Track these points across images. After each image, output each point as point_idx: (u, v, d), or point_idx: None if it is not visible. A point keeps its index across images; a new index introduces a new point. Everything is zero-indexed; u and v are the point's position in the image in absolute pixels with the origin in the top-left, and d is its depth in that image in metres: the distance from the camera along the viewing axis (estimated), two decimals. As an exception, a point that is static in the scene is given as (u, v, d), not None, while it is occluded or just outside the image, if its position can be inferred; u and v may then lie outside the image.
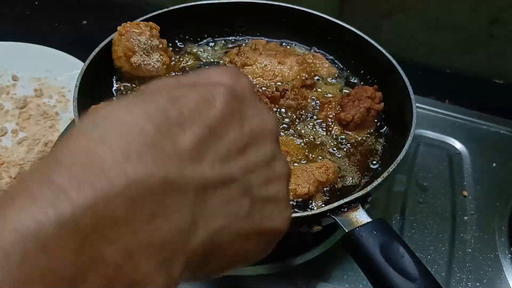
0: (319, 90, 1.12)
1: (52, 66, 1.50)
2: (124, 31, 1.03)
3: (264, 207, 0.41)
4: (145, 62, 1.04)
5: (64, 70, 1.48)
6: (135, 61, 1.03)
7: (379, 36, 1.68)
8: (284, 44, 1.25)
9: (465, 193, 1.14)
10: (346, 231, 0.75)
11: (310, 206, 0.87)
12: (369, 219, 0.76)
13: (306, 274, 0.95)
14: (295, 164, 0.93)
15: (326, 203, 0.88)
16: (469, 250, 1.04)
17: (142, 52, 1.04)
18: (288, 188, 0.45)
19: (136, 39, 1.03)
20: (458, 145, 1.26)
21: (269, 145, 0.42)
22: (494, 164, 1.22)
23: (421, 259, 0.98)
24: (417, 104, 1.32)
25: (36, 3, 1.85)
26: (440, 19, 1.60)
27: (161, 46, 1.08)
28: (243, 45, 1.22)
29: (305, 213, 0.77)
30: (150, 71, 1.05)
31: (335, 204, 0.78)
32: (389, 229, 0.74)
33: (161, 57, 1.07)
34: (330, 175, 0.89)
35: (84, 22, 1.78)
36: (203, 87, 0.39)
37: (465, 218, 1.09)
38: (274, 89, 1.06)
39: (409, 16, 1.62)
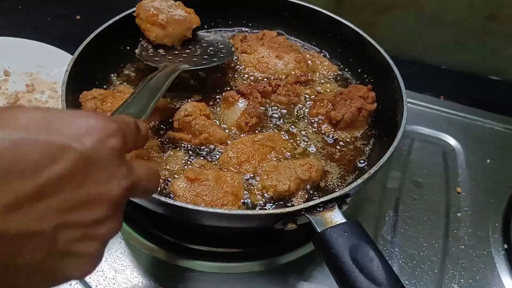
0: (314, 87, 1.11)
1: (44, 61, 1.48)
2: (138, 10, 1.09)
3: (63, 260, 0.43)
4: (173, 13, 1.08)
5: (56, 65, 1.47)
6: (162, 18, 1.06)
7: (375, 32, 1.68)
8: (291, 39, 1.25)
9: (459, 189, 1.14)
10: (318, 231, 0.73)
11: (289, 204, 0.86)
12: (343, 220, 0.75)
13: (297, 271, 0.94)
14: (279, 160, 0.93)
15: (307, 201, 0.87)
16: (463, 246, 1.03)
17: (164, 12, 1.07)
18: (103, 248, 0.48)
19: (151, 6, 1.07)
20: (452, 141, 1.25)
21: (101, 210, 0.45)
22: (488, 161, 1.21)
23: (414, 256, 1.00)
24: (412, 101, 1.33)
25: (29, -3, 1.84)
26: (437, 15, 1.59)
27: (177, 3, 1.12)
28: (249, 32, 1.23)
29: (279, 210, 0.74)
30: (184, 21, 1.09)
31: (311, 203, 0.76)
32: (361, 231, 0.73)
33: (184, 10, 1.11)
34: (313, 173, 0.88)
35: (78, 17, 1.76)
36: (58, 141, 0.41)
37: (459, 214, 1.09)
38: (267, 83, 1.05)
39: (405, 12, 1.61)
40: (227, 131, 0.98)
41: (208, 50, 1.12)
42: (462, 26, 1.58)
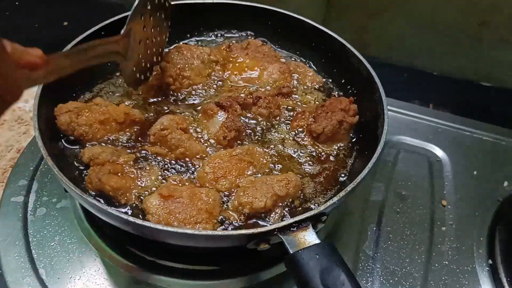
0: (297, 99, 1.09)
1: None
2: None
3: None
4: None
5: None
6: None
7: (366, 37, 1.66)
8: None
9: (444, 202, 1.12)
10: (290, 252, 0.71)
11: (266, 220, 0.85)
12: (316, 241, 0.72)
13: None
14: (258, 175, 0.91)
15: (282, 219, 0.85)
16: (446, 262, 1.01)
17: None
18: None
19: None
20: (439, 152, 1.23)
21: None
22: (475, 172, 1.19)
23: (396, 272, 0.98)
24: (400, 110, 1.31)
25: (17, 3, 1.82)
26: (428, 21, 1.57)
27: None
28: (234, 42, 1.21)
29: (250, 231, 0.72)
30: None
31: (284, 222, 0.74)
32: (333, 253, 0.71)
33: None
34: (291, 189, 0.86)
35: (65, 23, 1.75)
36: None
37: (443, 228, 1.07)
38: (248, 95, 1.03)
39: (396, 17, 1.59)
40: (206, 143, 0.96)
41: None
42: (453, 32, 1.56)
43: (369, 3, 1.60)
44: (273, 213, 0.85)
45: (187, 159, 0.92)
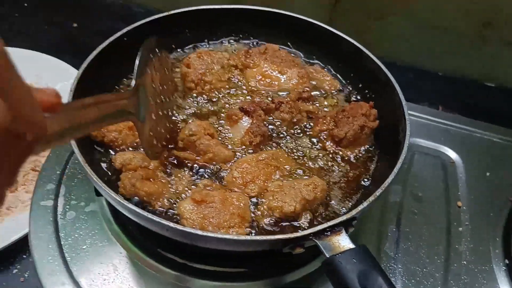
0: (316, 104, 1.11)
1: (42, 71, 1.47)
2: None
3: None
4: None
5: (54, 75, 1.46)
6: None
7: (370, 38, 1.68)
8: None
9: (459, 203, 1.15)
10: (327, 256, 0.74)
11: (295, 224, 0.87)
12: (351, 245, 0.75)
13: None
14: (284, 180, 0.93)
15: (310, 222, 0.88)
16: (464, 262, 1.04)
17: None
18: None
19: None
20: (452, 154, 1.26)
21: None
22: (488, 173, 1.22)
23: (417, 272, 1.01)
24: (412, 112, 1.33)
25: (26, 5, 1.81)
26: (432, 21, 1.60)
27: None
28: (253, 47, 1.22)
29: (287, 236, 0.75)
30: None
31: (318, 227, 0.76)
32: (369, 258, 0.73)
33: None
34: (318, 193, 0.88)
35: (75, 25, 1.75)
36: None
37: (460, 229, 1.10)
38: (270, 101, 1.05)
39: (400, 19, 1.62)
40: (233, 148, 0.98)
41: None
42: (458, 33, 1.59)
43: (372, 5, 1.62)
44: (302, 217, 0.87)
45: (215, 163, 0.94)
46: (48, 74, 1.46)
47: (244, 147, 0.98)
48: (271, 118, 1.05)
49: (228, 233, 0.82)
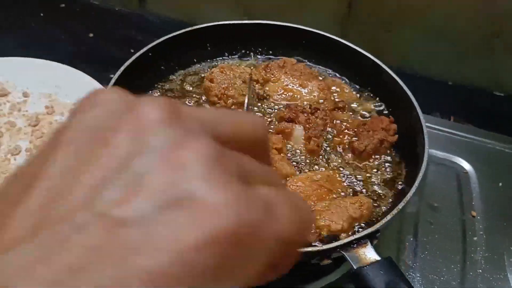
0: (351, 113, 1.15)
1: (61, 82, 1.49)
2: None
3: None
4: None
5: (73, 86, 1.47)
6: None
7: (380, 47, 1.72)
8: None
9: (474, 213, 1.18)
10: (355, 267, 0.78)
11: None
12: (377, 257, 0.79)
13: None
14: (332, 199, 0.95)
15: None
16: (480, 271, 1.07)
17: None
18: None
19: None
20: (465, 164, 1.29)
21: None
22: (500, 184, 1.26)
23: (435, 281, 1.04)
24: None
25: (42, 14, 1.84)
26: (442, 31, 1.63)
27: None
28: (272, 61, 1.25)
29: (316, 248, 0.80)
30: None
31: (345, 240, 0.81)
32: (395, 269, 0.78)
33: None
34: (364, 211, 0.91)
35: (91, 34, 1.78)
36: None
37: (475, 238, 1.13)
38: (307, 105, 1.08)
39: (410, 28, 1.65)
40: (297, 160, 1.01)
41: None
42: (466, 41, 1.62)
43: (383, 16, 1.65)
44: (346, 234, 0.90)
45: None
46: (68, 84, 1.48)
47: (312, 153, 1.01)
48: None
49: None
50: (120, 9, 1.91)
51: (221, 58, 1.27)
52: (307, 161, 1.02)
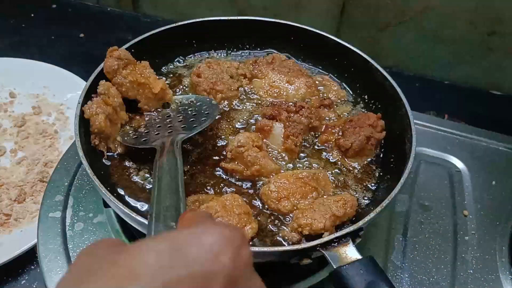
0: (337, 111, 1.12)
1: (50, 82, 1.49)
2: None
3: None
4: None
5: (62, 86, 1.47)
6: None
7: (377, 48, 1.70)
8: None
9: (466, 212, 1.15)
10: (334, 267, 0.74)
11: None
12: (358, 256, 0.76)
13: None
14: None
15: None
16: (471, 271, 1.04)
17: None
18: None
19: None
20: (458, 163, 1.26)
21: None
22: (494, 182, 1.23)
23: (424, 282, 1.01)
24: (417, 121, 1.34)
25: (32, 15, 1.84)
26: (438, 31, 1.61)
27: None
28: (262, 57, 1.23)
29: (295, 247, 0.76)
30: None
31: (325, 239, 0.77)
32: (376, 269, 0.74)
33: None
34: (348, 209, 0.87)
35: (81, 35, 1.77)
36: (200, 270, 0.38)
37: (466, 238, 1.10)
38: (292, 104, 1.05)
39: (406, 28, 1.63)
40: (277, 157, 0.99)
41: (189, 112, 1.03)
42: (463, 42, 1.60)
43: (379, 16, 1.63)
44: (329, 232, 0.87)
45: (262, 176, 0.94)
46: (56, 85, 1.47)
47: (290, 152, 0.99)
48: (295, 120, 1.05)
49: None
50: (113, 10, 1.90)
51: (207, 54, 1.25)
52: (286, 158, 0.99)
